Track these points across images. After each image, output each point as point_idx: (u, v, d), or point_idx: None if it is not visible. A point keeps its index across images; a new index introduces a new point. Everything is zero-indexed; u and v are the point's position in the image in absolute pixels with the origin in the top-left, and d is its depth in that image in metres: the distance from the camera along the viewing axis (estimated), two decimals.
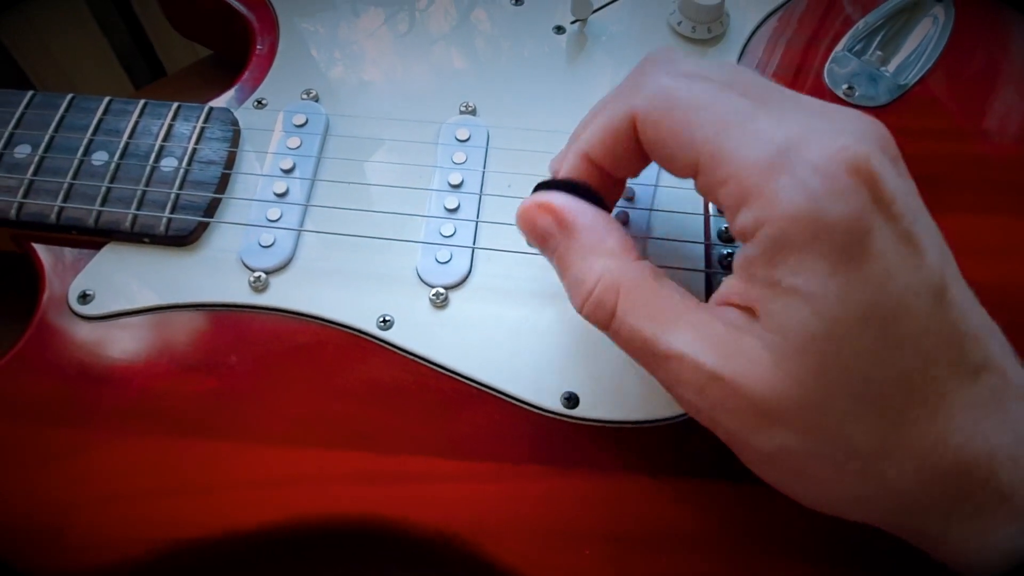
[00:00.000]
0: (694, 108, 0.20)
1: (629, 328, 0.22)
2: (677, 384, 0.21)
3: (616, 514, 0.27)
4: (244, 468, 0.28)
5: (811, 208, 0.18)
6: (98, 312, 0.30)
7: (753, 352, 0.19)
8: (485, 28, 0.39)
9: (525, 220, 0.24)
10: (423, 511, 0.27)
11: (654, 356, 0.21)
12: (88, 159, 0.33)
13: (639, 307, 0.21)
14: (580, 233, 0.23)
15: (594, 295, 0.22)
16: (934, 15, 0.41)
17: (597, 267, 0.22)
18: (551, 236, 0.23)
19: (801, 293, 0.18)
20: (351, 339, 0.30)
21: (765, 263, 0.19)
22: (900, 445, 0.19)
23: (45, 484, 0.27)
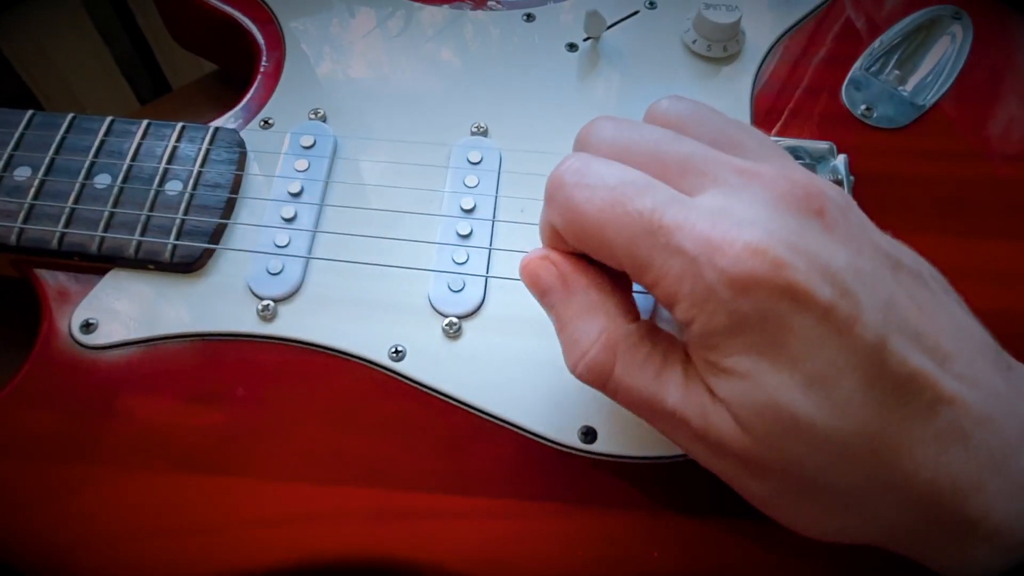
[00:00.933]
0: (600, 225, 0.21)
1: (627, 388, 0.22)
2: (675, 436, 0.23)
3: (637, 552, 0.26)
4: (252, 505, 0.27)
5: (726, 310, 0.20)
6: (101, 342, 0.29)
7: (718, 416, 0.21)
8: (496, 46, 0.39)
9: (528, 271, 0.24)
10: (436, 549, 0.26)
11: (655, 412, 0.22)
12: (90, 182, 0.32)
13: (636, 368, 0.22)
14: (581, 292, 0.23)
15: (589, 356, 0.22)
16: (952, 33, 0.40)
17: (594, 328, 0.22)
18: (552, 291, 0.23)
19: (737, 373, 0.20)
20: (362, 370, 0.29)
21: (702, 349, 0.21)
22: (876, 487, 0.21)
23: (46, 523, 0.26)
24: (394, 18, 0.39)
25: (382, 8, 0.40)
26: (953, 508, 0.20)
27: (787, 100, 0.38)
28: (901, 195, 0.35)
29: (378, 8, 0.40)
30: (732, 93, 0.37)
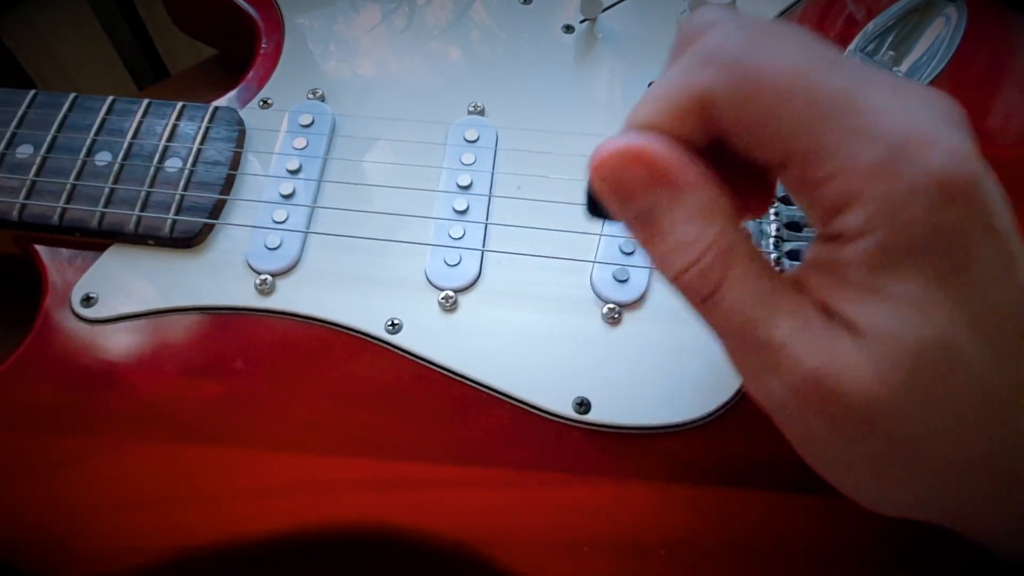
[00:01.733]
0: (784, 91, 0.17)
1: (730, 306, 0.19)
2: (769, 374, 0.19)
3: (631, 522, 0.27)
4: (251, 475, 0.27)
5: (923, 220, 0.16)
6: (102, 315, 0.30)
7: (852, 357, 0.18)
8: (493, 28, 0.39)
9: (606, 170, 0.19)
10: (433, 519, 0.27)
11: (751, 341, 0.19)
12: (91, 159, 0.32)
13: (749, 283, 0.19)
14: (692, 188, 0.19)
15: (703, 262, 0.19)
16: (946, 15, 0.40)
17: (711, 231, 0.18)
18: (647, 190, 0.19)
19: (908, 301, 0.17)
20: (359, 343, 0.30)
21: (868, 269, 0.17)
22: (1001, 455, 0.18)
23: (50, 492, 0.27)
24: (393, 1, 0.40)
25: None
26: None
27: None
28: None
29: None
30: None
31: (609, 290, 0.30)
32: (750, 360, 0.19)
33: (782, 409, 0.20)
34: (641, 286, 0.30)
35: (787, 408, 0.19)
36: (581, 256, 0.31)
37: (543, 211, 0.32)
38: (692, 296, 0.19)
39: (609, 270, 0.31)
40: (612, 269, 0.31)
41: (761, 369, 0.19)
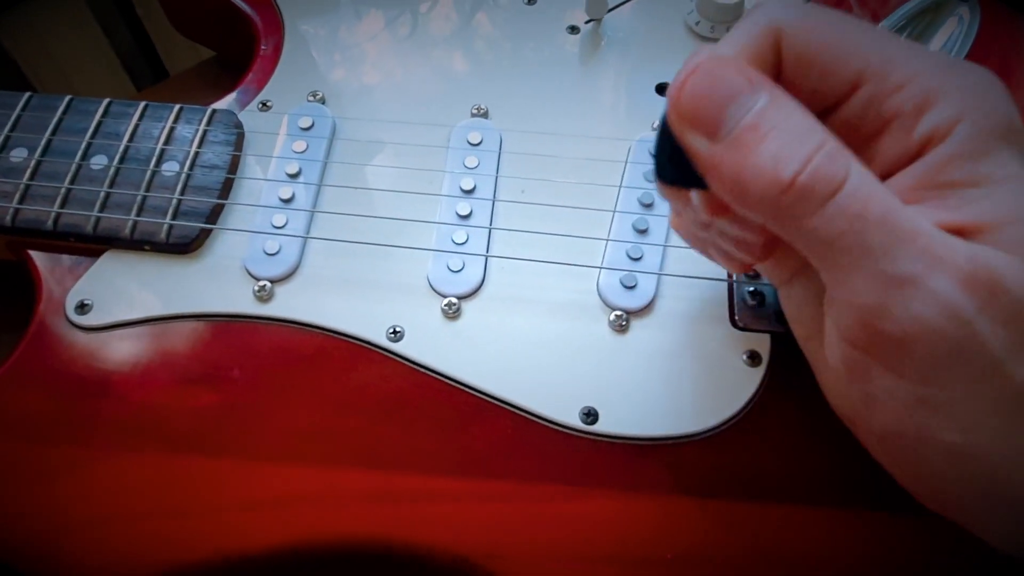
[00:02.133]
0: (848, 20, 0.18)
1: (866, 195, 0.17)
2: (934, 269, 0.17)
3: (638, 535, 0.26)
4: (248, 487, 0.26)
5: (1004, 106, 0.17)
6: (96, 322, 0.29)
7: (995, 253, 0.17)
8: (497, 29, 0.38)
9: (703, 73, 0.18)
10: (434, 532, 0.26)
11: (896, 235, 0.17)
12: (87, 163, 0.32)
13: (870, 176, 0.17)
14: (789, 100, 0.18)
15: (828, 147, 0.17)
16: (959, 15, 0.39)
17: (817, 132, 0.17)
18: (743, 93, 0.17)
19: (1021, 177, 0.17)
20: (360, 351, 0.29)
21: (969, 159, 0.17)
22: None
23: (41, 503, 0.26)
24: (395, 1, 0.39)
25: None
26: None
27: None
28: None
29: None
30: None
31: (616, 297, 0.30)
32: (900, 260, 0.17)
33: (944, 313, 0.17)
34: (649, 293, 0.30)
35: (951, 311, 0.16)
36: (587, 262, 0.30)
37: (548, 215, 0.31)
38: (819, 193, 0.17)
39: (616, 276, 0.30)
40: (619, 275, 0.30)
41: (915, 270, 0.17)
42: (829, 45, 0.18)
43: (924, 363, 0.17)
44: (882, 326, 0.17)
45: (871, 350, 0.18)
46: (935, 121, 0.17)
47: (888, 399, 0.18)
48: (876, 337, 0.18)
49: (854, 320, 0.18)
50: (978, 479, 0.18)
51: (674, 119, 0.18)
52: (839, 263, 0.17)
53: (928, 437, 0.18)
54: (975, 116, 0.17)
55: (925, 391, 0.18)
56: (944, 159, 0.18)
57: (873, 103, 0.19)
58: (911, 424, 0.18)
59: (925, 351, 0.17)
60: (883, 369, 0.18)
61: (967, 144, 0.17)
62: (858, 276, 0.17)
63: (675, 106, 0.18)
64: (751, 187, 0.17)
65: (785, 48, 0.19)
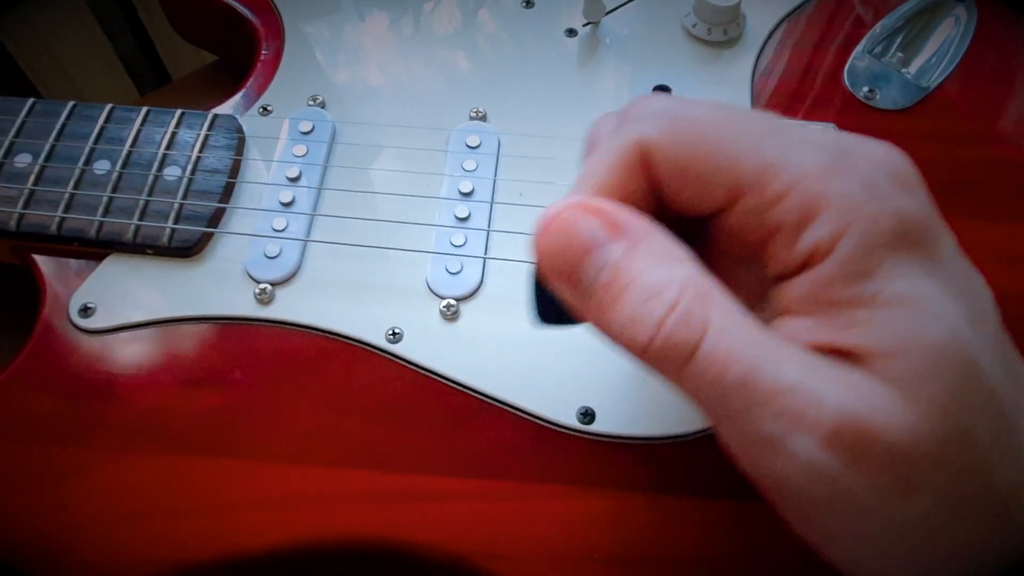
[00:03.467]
0: (720, 124, 0.17)
1: (724, 354, 0.16)
2: (788, 431, 0.16)
3: (635, 535, 0.26)
4: (249, 488, 0.27)
5: (893, 207, 0.16)
6: (100, 326, 0.29)
7: (874, 388, 0.15)
8: (495, 32, 0.38)
9: (558, 226, 0.17)
10: (434, 532, 0.26)
11: (756, 394, 0.16)
12: (90, 168, 0.32)
13: (733, 327, 0.16)
14: (646, 236, 0.17)
15: (681, 305, 0.16)
16: (956, 15, 0.40)
17: (680, 270, 0.17)
18: (600, 245, 0.17)
19: (909, 299, 0.16)
20: (359, 353, 0.29)
21: (853, 277, 0.16)
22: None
23: (46, 504, 0.26)
24: (393, 5, 0.39)
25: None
26: None
27: (789, 83, 0.37)
28: None
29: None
30: (733, 77, 0.37)
31: None
32: (759, 422, 0.16)
33: (807, 474, 0.16)
34: None
35: (814, 471, 0.16)
36: None
37: None
38: (675, 357, 0.16)
39: None
40: None
41: (775, 431, 0.16)
42: (700, 157, 0.18)
43: (800, 508, 0.17)
44: (754, 474, 0.17)
45: (756, 483, 0.18)
46: (817, 236, 0.16)
47: (804, 529, 0.18)
48: (753, 477, 0.18)
49: (735, 457, 0.18)
50: None
51: (539, 264, 0.18)
52: (711, 417, 0.17)
53: (854, 561, 0.18)
54: (860, 227, 0.16)
55: (810, 523, 0.18)
56: (828, 278, 0.16)
57: (754, 214, 0.17)
58: (833, 550, 0.18)
59: (796, 501, 0.17)
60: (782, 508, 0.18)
61: (850, 264, 0.16)
62: (726, 433, 0.17)
63: (537, 254, 0.18)
64: (617, 341, 0.17)
65: (656, 163, 0.18)
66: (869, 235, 0.16)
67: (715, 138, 0.17)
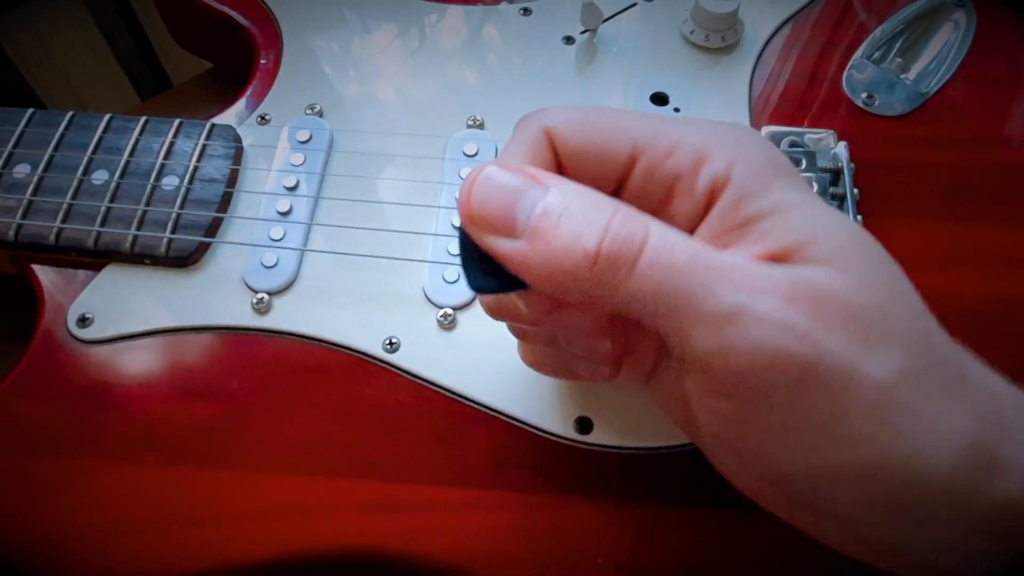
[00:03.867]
0: (615, 110, 0.20)
1: (670, 253, 0.17)
2: (754, 295, 0.17)
3: (631, 544, 0.26)
4: (246, 498, 0.27)
5: (766, 146, 0.19)
6: (98, 336, 0.30)
7: (808, 268, 0.18)
8: (493, 39, 0.38)
9: (484, 181, 0.19)
10: (430, 542, 0.26)
11: (712, 270, 0.17)
12: (88, 178, 0.32)
13: (670, 231, 0.18)
14: (567, 182, 0.19)
15: (621, 212, 0.18)
16: (955, 20, 0.39)
17: (607, 203, 0.18)
18: (527, 189, 0.18)
19: (803, 201, 0.19)
20: (357, 362, 0.29)
21: (754, 196, 0.19)
22: None
23: (44, 514, 0.26)
24: (392, 14, 0.39)
25: (379, 4, 0.40)
26: None
27: (787, 89, 0.37)
28: (903, 182, 0.34)
29: (375, 4, 0.40)
30: (731, 84, 0.37)
31: None
32: (719, 299, 0.17)
33: (777, 338, 0.17)
34: None
35: (785, 330, 0.17)
36: None
37: None
38: (624, 257, 0.17)
39: None
40: None
41: (736, 301, 0.17)
42: (598, 131, 0.20)
43: (786, 390, 0.17)
44: (734, 363, 0.17)
45: (735, 392, 0.18)
46: (713, 172, 0.19)
47: (770, 443, 0.18)
48: (733, 378, 0.17)
49: (709, 369, 0.18)
50: (886, 496, 0.18)
51: (470, 227, 0.19)
52: (672, 320, 0.18)
53: (817, 465, 0.18)
54: (745, 157, 0.19)
55: (799, 418, 0.17)
56: (732, 202, 0.19)
57: (653, 170, 0.20)
58: (799, 460, 0.18)
59: (780, 376, 0.17)
60: (753, 411, 0.18)
61: (747, 184, 0.19)
62: (692, 325, 0.17)
63: (467, 215, 0.19)
64: (562, 269, 0.18)
65: (559, 145, 0.20)
66: (755, 163, 0.19)
67: (610, 117, 0.20)
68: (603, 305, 0.18)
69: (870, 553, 0.20)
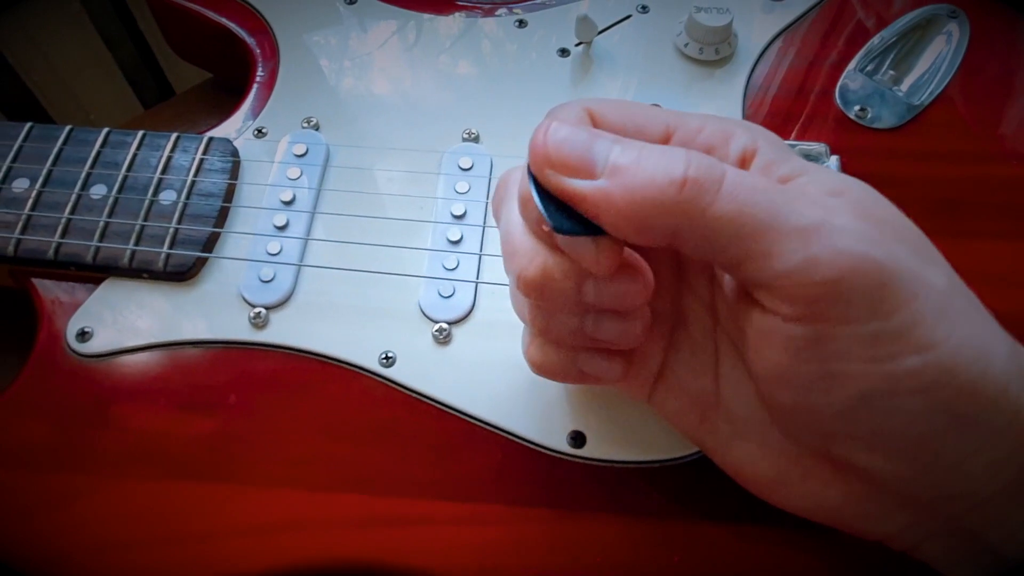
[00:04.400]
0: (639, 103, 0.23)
1: (749, 180, 0.19)
2: (832, 212, 0.19)
3: (626, 558, 0.27)
4: (243, 513, 0.27)
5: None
6: (97, 350, 0.30)
7: (867, 200, 0.20)
8: (488, 53, 0.39)
9: (558, 128, 0.20)
10: (425, 556, 0.27)
11: (791, 188, 0.19)
12: (87, 193, 0.32)
13: (741, 170, 0.19)
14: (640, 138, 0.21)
15: (694, 153, 0.19)
16: (948, 32, 0.40)
17: (680, 148, 0.20)
18: (598, 137, 0.19)
19: (820, 166, 0.21)
20: (353, 377, 0.30)
21: (783, 161, 0.20)
22: None
23: (41, 532, 0.27)
24: (388, 28, 0.40)
25: (375, 19, 0.40)
26: None
27: (780, 102, 0.37)
28: (894, 195, 0.33)
29: (371, 19, 0.40)
30: (725, 96, 0.37)
31: None
32: (799, 213, 0.18)
33: (856, 245, 0.18)
34: None
35: (861, 237, 0.18)
36: None
37: None
38: (711, 181, 0.18)
39: None
40: None
41: (814, 217, 0.18)
42: (632, 112, 0.21)
43: (867, 297, 0.18)
44: (820, 274, 0.18)
45: (816, 310, 0.19)
46: (742, 144, 0.21)
47: (847, 360, 0.19)
48: (816, 291, 0.18)
49: (792, 288, 0.19)
50: (951, 400, 0.19)
51: (547, 172, 0.20)
52: (755, 241, 0.18)
53: (894, 374, 0.19)
54: (765, 136, 0.21)
55: (878, 327, 0.18)
56: (765, 165, 0.20)
57: (688, 144, 0.21)
58: (875, 373, 0.19)
59: (863, 282, 0.18)
60: (833, 326, 0.19)
61: (775, 153, 0.20)
62: (776, 241, 0.18)
63: (544, 159, 0.20)
64: (648, 198, 0.18)
65: (600, 121, 0.21)
66: (774, 139, 0.21)
67: (641, 104, 0.22)
68: (685, 236, 0.19)
69: (903, 480, 0.21)
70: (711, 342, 0.24)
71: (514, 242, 0.22)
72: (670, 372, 0.25)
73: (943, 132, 0.36)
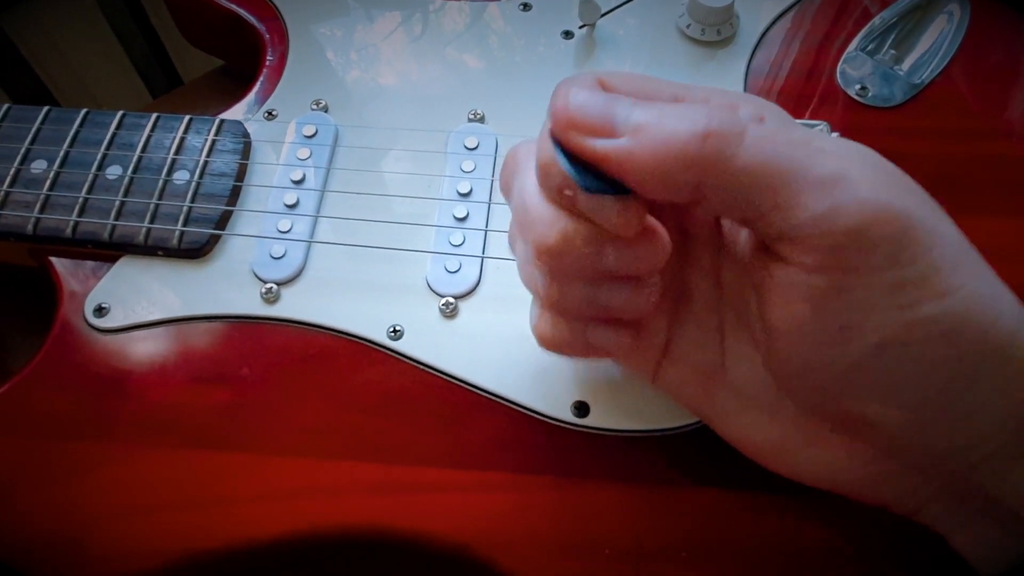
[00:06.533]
0: None
1: (769, 132, 0.19)
2: (852, 162, 0.19)
3: (629, 524, 0.27)
4: (257, 480, 0.28)
5: None
6: (114, 325, 0.31)
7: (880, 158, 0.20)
8: (493, 35, 0.39)
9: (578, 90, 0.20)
10: (435, 522, 0.27)
11: (813, 142, 0.19)
12: (103, 173, 0.33)
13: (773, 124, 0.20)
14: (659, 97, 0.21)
15: (716, 114, 0.19)
16: (949, 12, 0.40)
17: (701, 104, 0.21)
18: (616, 99, 0.20)
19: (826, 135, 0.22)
20: (362, 349, 0.30)
21: (792, 126, 0.21)
22: None
23: (63, 498, 0.28)
24: (395, 11, 0.40)
25: (383, 4, 0.41)
26: None
27: (782, 82, 0.38)
28: None
29: (379, 4, 0.41)
30: (727, 76, 0.38)
31: None
32: (821, 165, 0.19)
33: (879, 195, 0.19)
34: None
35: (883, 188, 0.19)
36: None
37: None
38: (733, 133, 0.18)
39: None
40: None
41: (838, 167, 0.19)
42: (643, 84, 0.21)
43: (889, 246, 0.19)
44: (843, 223, 0.18)
45: (839, 259, 0.19)
46: (748, 114, 0.21)
47: (867, 309, 0.19)
48: (840, 240, 0.19)
49: (814, 238, 0.19)
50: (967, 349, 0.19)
51: (570, 134, 0.20)
52: (779, 192, 0.19)
53: (912, 321, 0.19)
54: (770, 106, 0.21)
55: (900, 274, 0.19)
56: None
57: None
58: (894, 321, 0.19)
59: (885, 230, 0.19)
60: (856, 275, 0.19)
61: (780, 122, 0.21)
62: (800, 191, 0.19)
63: (567, 122, 0.20)
64: (672, 152, 0.19)
65: (612, 89, 0.21)
66: (777, 111, 0.21)
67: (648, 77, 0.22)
68: (709, 189, 0.19)
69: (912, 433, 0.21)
70: (715, 315, 0.24)
71: (530, 212, 0.22)
72: (675, 347, 0.25)
73: (943, 110, 0.37)
